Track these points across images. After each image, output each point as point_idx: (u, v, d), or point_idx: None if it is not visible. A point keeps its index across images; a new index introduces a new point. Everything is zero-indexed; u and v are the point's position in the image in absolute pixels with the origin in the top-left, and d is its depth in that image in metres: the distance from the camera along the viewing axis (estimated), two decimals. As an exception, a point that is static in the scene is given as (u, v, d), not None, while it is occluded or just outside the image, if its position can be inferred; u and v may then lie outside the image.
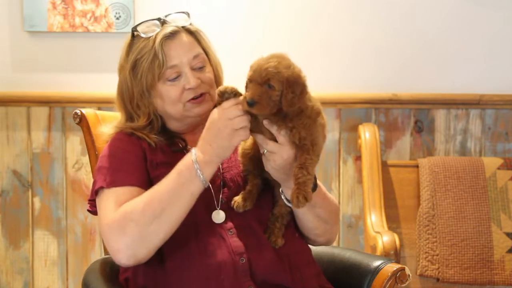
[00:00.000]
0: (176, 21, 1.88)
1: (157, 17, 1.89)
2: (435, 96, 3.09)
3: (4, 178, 3.09)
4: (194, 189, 1.69)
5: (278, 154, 1.67)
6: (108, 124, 1.96)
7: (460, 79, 3.12)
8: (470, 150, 3.12)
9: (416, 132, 3.11)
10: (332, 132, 3.09)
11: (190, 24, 1.90)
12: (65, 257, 3.11)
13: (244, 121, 1.66)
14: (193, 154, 1.69)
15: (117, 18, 3.04)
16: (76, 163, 3.09)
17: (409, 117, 3.11)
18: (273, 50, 1.71)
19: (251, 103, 1.62)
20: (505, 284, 2.84)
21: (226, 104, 1.67)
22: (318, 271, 1.87)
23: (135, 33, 1.87)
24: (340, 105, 3.08)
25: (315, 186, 1.76)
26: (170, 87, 1.83)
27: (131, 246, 1.67)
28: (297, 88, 1.64)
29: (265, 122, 1.68)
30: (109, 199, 1.75)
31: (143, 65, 1.83)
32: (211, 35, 1.96)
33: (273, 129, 1.68)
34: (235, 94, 1.68)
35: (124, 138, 1.86)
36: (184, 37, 1.86)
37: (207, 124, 1.70)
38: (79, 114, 2.06)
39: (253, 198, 1.79)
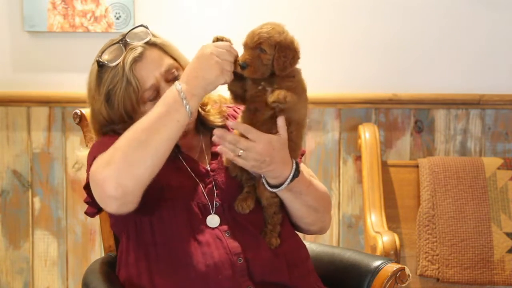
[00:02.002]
0: (137, 38, 1.83)
1: (117, 38, 1.84)
2: (435, 96, 3.08)
3: (4, 178, 3.09)
4: (179, 117, 1.65)
5: (252, 150, 1.67)
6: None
7: (460, 79, 3.12)
8: (470, 150, 3.12)
9: (416, 132, 3.11)
10: (332, 132, 3.09)
11: (153, 35, 1.84)
12: (65, 257, 3.11)
13: (232, 66, 1.68)
14: (177, 85, 1.67)
15: (117, 18, 3.04)
16: (76, 163, 3.09)
17: (409, 117, 3.11)
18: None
19: (243, 66, 1.68)
20: (505, 284, 2.84)
21: (221, 43, 1.70)
22: (312, 268, 1.88)
23: (101, 63, 1.81)
24: (340, 105, 3.08)
25: (297, 173, 1.76)
26: (152, 106, 1.73)
27: (117, 174, 1.61)
28: (289, 52, 1.68)
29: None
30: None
31: (117, 94, 1.79)
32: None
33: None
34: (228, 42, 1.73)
35: (112, 136, 1.80)
36: (151, 53, 1.81)
37: (196, 57, 1.69)
38: (79, 114, 2.06)
39: (253, 197, 1.79)
